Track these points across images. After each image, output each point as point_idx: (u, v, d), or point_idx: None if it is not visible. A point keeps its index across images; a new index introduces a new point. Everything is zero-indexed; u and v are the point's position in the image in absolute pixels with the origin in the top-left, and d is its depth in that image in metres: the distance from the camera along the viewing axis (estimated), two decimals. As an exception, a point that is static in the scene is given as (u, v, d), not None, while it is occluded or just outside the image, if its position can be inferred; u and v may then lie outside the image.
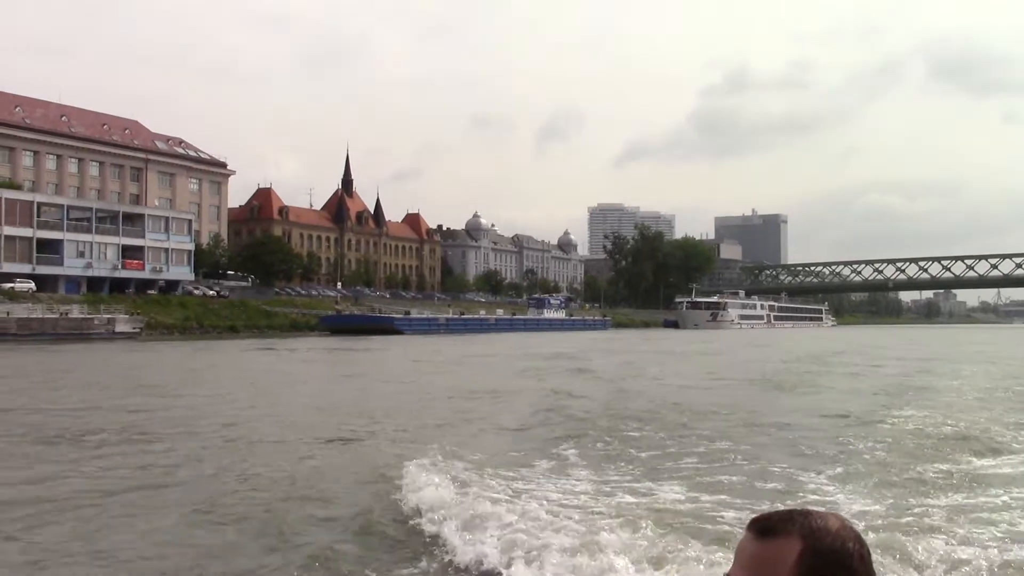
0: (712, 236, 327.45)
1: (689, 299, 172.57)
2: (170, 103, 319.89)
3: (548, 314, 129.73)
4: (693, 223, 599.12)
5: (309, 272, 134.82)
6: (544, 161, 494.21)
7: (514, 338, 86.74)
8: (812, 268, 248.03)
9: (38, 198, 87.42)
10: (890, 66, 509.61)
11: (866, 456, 13.79)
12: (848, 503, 10.36)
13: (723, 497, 10.59)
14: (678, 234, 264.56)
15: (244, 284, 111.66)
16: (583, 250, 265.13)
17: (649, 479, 11.91)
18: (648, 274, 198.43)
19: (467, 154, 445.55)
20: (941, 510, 9.77)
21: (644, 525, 8.63)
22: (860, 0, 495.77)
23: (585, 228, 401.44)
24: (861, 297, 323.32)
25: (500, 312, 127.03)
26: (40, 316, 66.10)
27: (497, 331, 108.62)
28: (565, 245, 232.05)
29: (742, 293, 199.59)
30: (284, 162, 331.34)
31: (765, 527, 1.65)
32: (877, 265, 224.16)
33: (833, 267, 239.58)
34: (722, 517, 9.50)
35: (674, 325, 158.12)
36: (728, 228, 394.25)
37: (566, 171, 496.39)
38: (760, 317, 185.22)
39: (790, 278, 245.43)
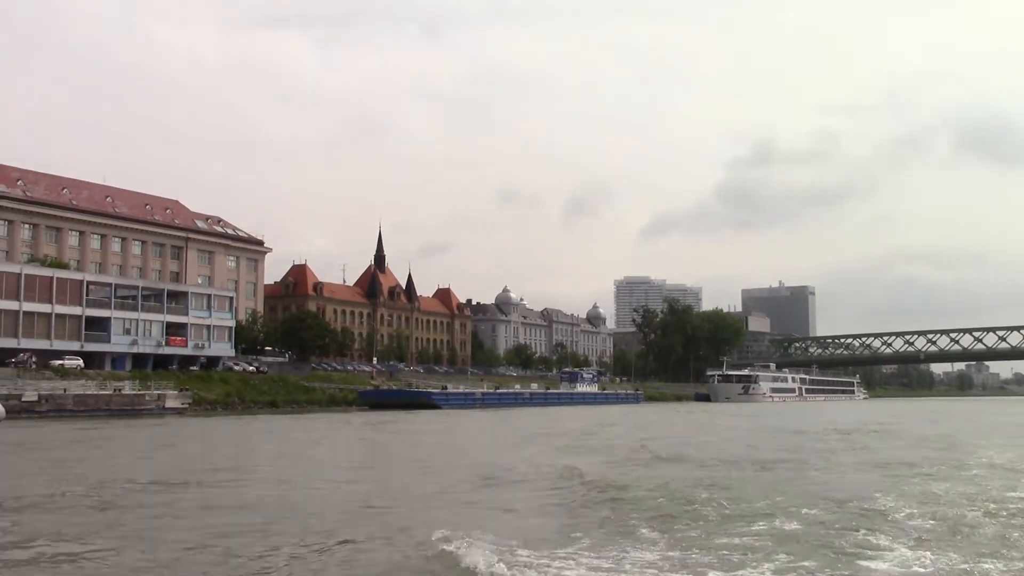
0: (739, 308, 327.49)
1: (720, 372, 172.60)
2: (199, 180, 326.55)
3: (581, 388, 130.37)
4: (719, 295, 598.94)
5: (343, 347, 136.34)
6: (571, 234, 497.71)
7: (554, 412, 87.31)
8: (842, 340, 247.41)
9: (87, 277, 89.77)
10: (916, 137, 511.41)
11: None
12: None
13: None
14: (705, 306, 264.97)
15: (282, 359, 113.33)
16: (610, 323, 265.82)
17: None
18: (677, 347, 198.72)
19: (495, 228, 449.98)
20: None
21: None
22: (886, 72, 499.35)
23: (612, 301, 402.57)
24: (892, 369, 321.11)
25: (534, 386, 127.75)
26: (95, 392, 67.72)
27: (531, 405, 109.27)
28: (594, 318, 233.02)
29: (773, 366, 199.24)
30: (314, 237, 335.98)
31: None
32: (908, 337, 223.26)
33: (863, 339, 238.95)
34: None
35: (705, 398, 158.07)
36: (755, 300, 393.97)
37: (593, 244, 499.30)
38: (792, 390, 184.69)
39: (820, 350, 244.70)
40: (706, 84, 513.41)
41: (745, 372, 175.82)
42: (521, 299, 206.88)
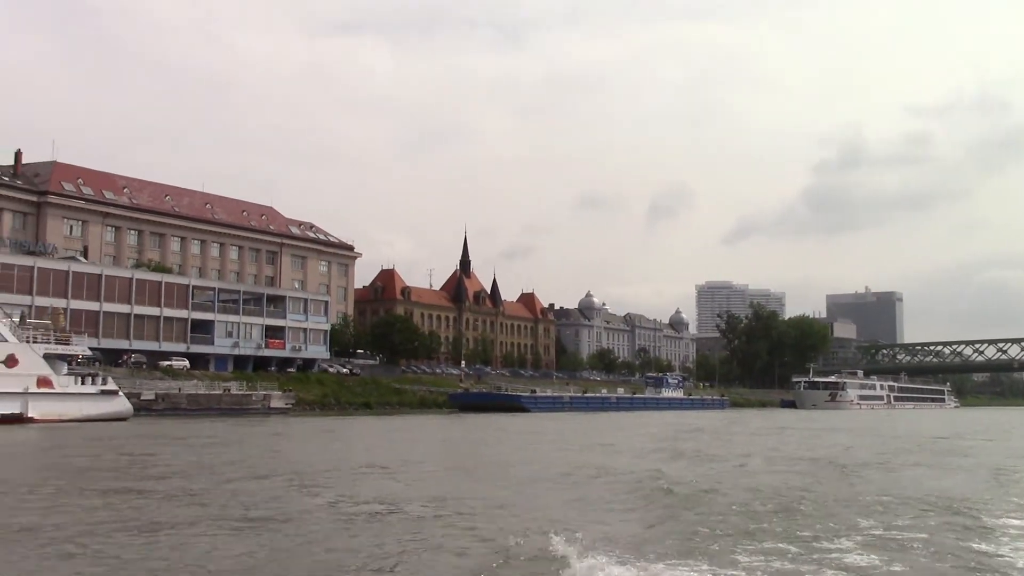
0: (823, 314, 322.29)
1: (806, 379, 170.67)
2: (290, 187, 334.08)
3: (667, 393, 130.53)
4: (803, 300, 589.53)
5: (430, 350, 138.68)
6: (653, 239, 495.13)
7: (646, 417, 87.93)
8: (931, 347, 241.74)
9: (192, 282, 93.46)
10: (1012, 139, 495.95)
11: None
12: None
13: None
14: (789, 312, 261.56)
15: (373, 362, 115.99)
16: (692, 328, 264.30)
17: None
18: (762, 353, 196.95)
19: (577, 232, 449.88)
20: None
21: None
22: (980, 74, 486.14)
23: (693, 305, 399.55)
24: (983, 377, 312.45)
25: (621, 391, 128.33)
26: (206, 392, 70.79)
27: (618, 410, 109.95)
28: (677, 324, 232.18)
29: (860, 373, 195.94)
30: (398, 241, 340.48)
31: None
32: (1001, 345, 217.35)
33: (953, 346, 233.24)
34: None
35: (791, 405, 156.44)
36: (840, 306, 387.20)
37: (674, 248, 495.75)
38: (880, 397, 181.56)
39: (908, 357, 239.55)
40: (792, 86, 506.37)
41: (832, 379, 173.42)
42: (603, 304, 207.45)
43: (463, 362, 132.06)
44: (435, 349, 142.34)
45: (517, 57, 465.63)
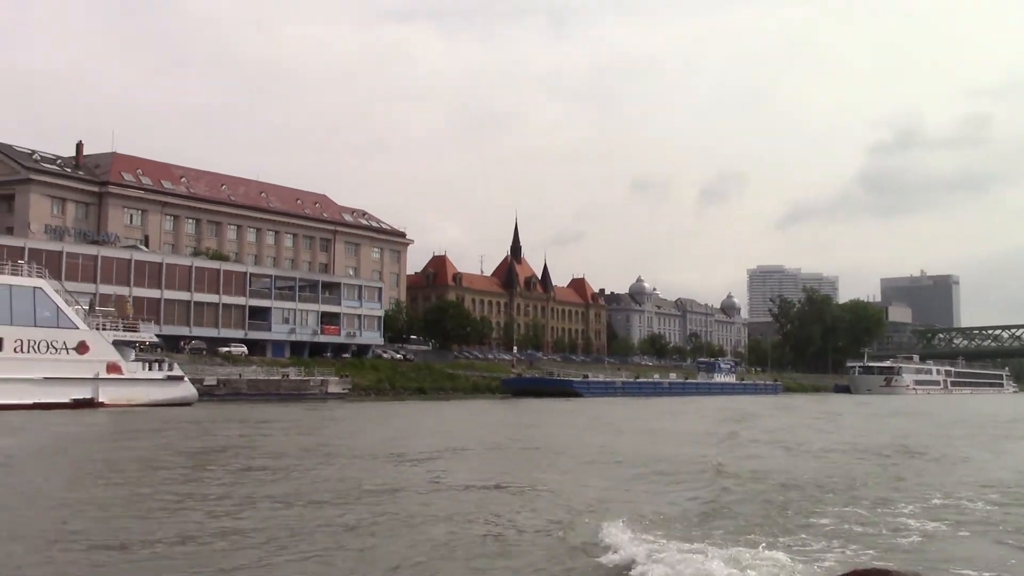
0: (877, 298, 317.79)
1: (861, 364, 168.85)
2: (342, 174, 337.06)
3: (719, 378, 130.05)
4: (857, 285, 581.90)
5: (482, 336, 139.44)
6: (703, 223, 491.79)
7: (699, 402, 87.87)
8: (989, 331, 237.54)
9: (250, 269, 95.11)
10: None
11: None
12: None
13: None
14: (842, 296, 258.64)
15: (425, 348, 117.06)
16: (744, 312, 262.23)
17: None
18: (815, 338, 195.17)
19: (627, 217, 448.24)
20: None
21: None
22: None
23: (744, 290, 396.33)
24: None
25: (673, 376, 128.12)
26: (265, 378, 72.26)
27: (671, 395, 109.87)
28: (728, 308, 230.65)
29: (916, 357, 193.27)
30: (448, 228, 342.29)
31: None
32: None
33: (1012, 330, 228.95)
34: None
35: (845, 390, 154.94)
36: (895, 290, 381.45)
37: (725, 233, 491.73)
38: (936, 382, 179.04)
39: (965, 342, 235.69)
40: (847, 68, 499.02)
41: (887, 364, 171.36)
42: (654, 289, 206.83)
43: (515, 347, 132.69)
44: (487, 335, 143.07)
45: (568, 43, 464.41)
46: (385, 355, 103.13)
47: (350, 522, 14.99)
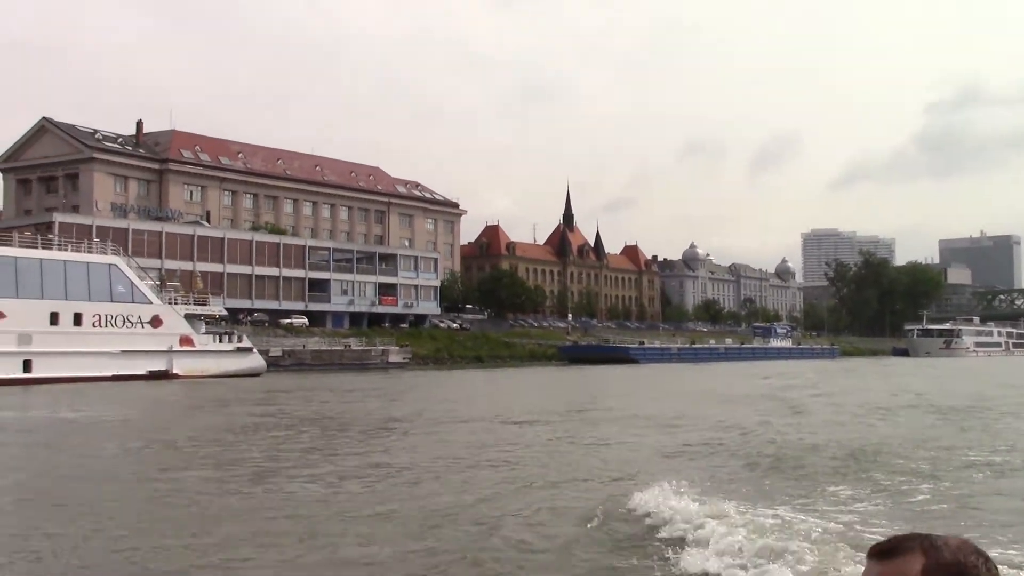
0: (936, 259, 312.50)
1: (920, 326, 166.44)
2: (395, 147, 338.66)
3: (775, 343, 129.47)
4: (914, 247, 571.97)
5: (536, 304, 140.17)
6: (757, 187, 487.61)
7: (757, 367, 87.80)
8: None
9: (308, 243, 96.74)
10: None
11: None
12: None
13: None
14: (899, 258, 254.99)
15: (481, 317, 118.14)
16: (799, 277, 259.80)
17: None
18: (872, 301, 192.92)
19: (679, 183, 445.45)
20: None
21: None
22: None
23: (798, 254, 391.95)
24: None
25: (728, 341, 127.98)
26: (328, 348, 73.86)
27: (727, 360, 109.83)
28: (782, 272, 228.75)
29: (976, 319, 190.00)
30: (499, 198, 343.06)
31: (886, 549, 1.68)
32: None
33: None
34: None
35: (903, 353, 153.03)
36: (954, 251, 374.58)
37: (779, 196, 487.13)
38: (997, 344, 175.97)
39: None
40: (906, 26, 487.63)
41: (947, 326, 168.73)
42: (707, 254, 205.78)
43: (569, 315, 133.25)
44: (540, 303, 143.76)
45: (618, 9, 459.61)
46: (442, 325, 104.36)
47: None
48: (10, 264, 48.90)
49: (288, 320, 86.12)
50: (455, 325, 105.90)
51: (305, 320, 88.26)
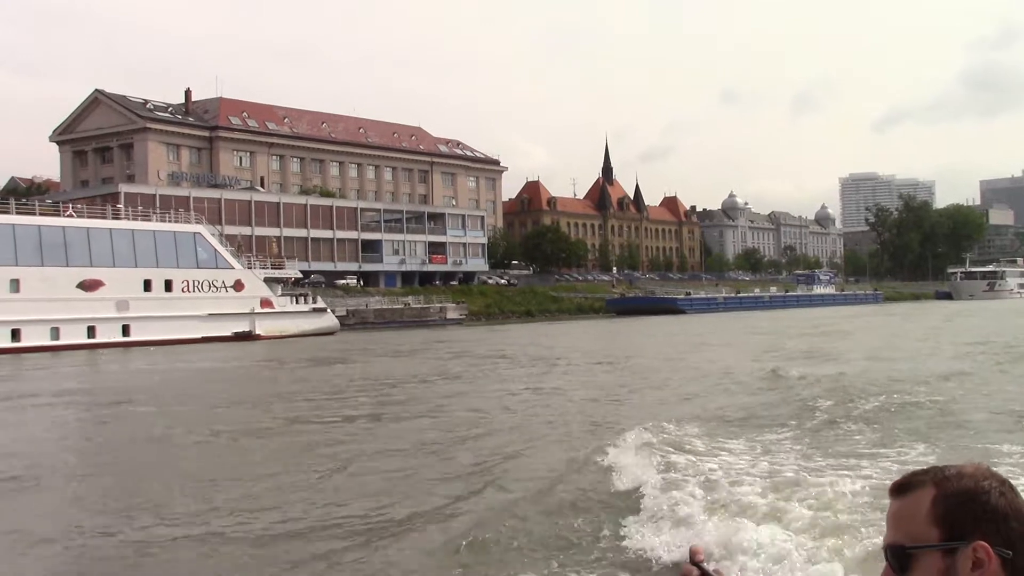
0: (977, 201, 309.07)
1: (963, 269, 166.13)
2: (434, 105, 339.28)
3: (819, 290, 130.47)
4: (954, 188, 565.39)
5: (579, 258, 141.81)
6: (795, 132, 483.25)
7: (802, 313, 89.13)
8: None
9: (360, 205, 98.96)
10: None
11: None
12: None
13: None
14: (939, 201, 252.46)
15: (527, 272, 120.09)
16: (838, 223, 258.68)
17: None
18: (914, 245, 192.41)
19: (717, 130, 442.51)
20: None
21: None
22: None
23: (837, 199, 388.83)
24: None
25: (773, 290, 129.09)
26: (389, 307, 76.56)
27: (772, 308, 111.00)
28: (823, 219, 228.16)
29: (1020, 260, 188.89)
30: (537, 152, 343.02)
31: (901, 485, 1.71)
32: None
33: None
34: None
35: (947, 296, 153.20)
36: (996, 192, 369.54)
37: (819, 140, 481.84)
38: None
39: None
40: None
41: (990, 268, 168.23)
42: (747, 203, 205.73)
43: (613, 268, 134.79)
44: (583, 257, 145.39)
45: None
46: (490, 281, 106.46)
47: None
48: (105, 235, 52.08)
49: (343, 281, 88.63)
50: (503, 281, 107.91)
51: (360, 280, 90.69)
